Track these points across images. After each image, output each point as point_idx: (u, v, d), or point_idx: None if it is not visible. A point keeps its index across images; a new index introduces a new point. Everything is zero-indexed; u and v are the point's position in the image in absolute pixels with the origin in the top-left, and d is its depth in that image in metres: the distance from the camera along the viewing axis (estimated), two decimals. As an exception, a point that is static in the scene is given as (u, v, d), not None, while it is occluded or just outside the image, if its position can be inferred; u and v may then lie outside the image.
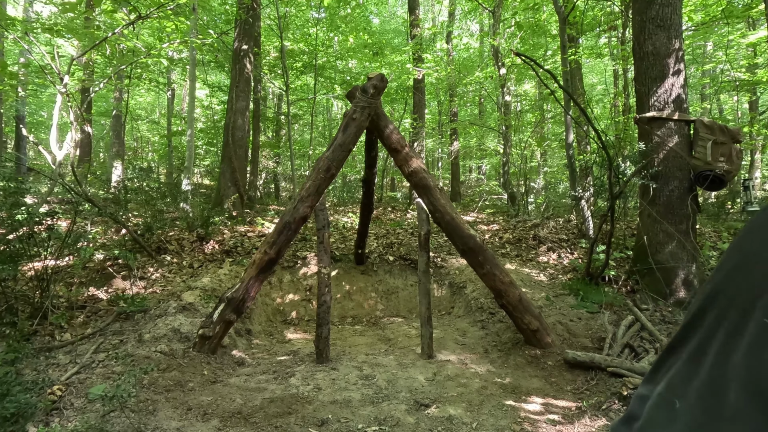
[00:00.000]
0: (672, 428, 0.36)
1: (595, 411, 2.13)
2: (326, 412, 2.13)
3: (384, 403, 2.22)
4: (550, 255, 4.99)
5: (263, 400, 2.26)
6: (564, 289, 3.94)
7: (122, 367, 2.48)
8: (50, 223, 3.14)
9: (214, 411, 2.14)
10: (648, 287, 3.57)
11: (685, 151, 3.50)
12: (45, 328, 2.93)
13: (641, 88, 3.69)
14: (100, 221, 5.24)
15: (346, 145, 3.07)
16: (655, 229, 3.56)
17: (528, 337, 2.98)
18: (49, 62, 4.33)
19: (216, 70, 10.99)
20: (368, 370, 2.71)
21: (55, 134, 4.39)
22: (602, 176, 3.85)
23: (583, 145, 7.07)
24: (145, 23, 7.98)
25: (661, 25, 3.55)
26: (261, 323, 3.93)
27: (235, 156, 6.90)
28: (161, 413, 2.10)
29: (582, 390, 2.38)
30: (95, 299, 3.51)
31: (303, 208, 3.01)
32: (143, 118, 16.12)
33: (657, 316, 3.30)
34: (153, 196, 4.94)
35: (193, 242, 4.86)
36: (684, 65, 3.61)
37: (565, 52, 5.58)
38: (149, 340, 2.83)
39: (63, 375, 2.39)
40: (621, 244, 4.57)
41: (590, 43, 9.81)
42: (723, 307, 0.36)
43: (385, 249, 5.05)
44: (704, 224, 5.70)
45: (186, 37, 5.90)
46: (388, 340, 3.53)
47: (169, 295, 3.58)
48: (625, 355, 2.71)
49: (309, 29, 9.91)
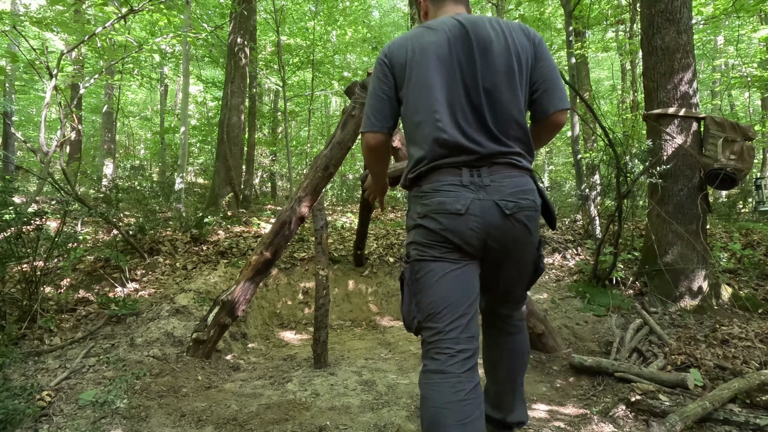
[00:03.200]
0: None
1: (603, 418, 2.12)
2: (324, 419, 2.13)
3: (384, 410, 2.22)
4: (556, 256, 4.99)
5: (259, 407, 2.26)
6: (570, 291, 3.94)
7: (113, 372, 2.48)
8: (39, 223, 3.14)
9: (209, 417, 2.14)
10: (657, 289, 3.57)
11: (695, 149, 3.50)
12: (34, 332, 2.94)
13: (650, 83, 3.69)
14: (90, 221, 5.24)
15: (344, 143, 3.07)
16: (664, 229, 3.56)
17: (533, 342, 2.97)
18: (37, 57, 4.33)
19: (210, 65, 11.00)
20: (368, 375, 2.71)
21: (44, 131, 4.39)
22: (610, 175, 3.85)
23: (590, 144, 7.07)
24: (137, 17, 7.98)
25: (670, 18, 3.55)
26: (257, 327, 3.93)
27: (230, 154, 6.90)
28: (154, 419, 2.10)
29: (588, 396, 2.38)
30: (86, 302, 3.51)
31: (300, 207, 3.01)
32: (135, 115, 16.13)
33: (666, 320, 3.30)
34: (145, 195, 4.94)
35: (187, 243, 4.86)
36: (694, 60, 3.61)
37: (571, 47, 5.58)
38: (141, 344, 2.83)
39: (52, 380, 2.39)
40: (629, 245, 4.57)
41: (597, 37, 9.81)
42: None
43: (385, 250, 5.05)
44: (715, 225, 5.71)
45: (179, 32, 5.90)
46: (389, 345, 3.53)
47: (162, 297, 3.59)
48: (633, 360, 2.71)
49: (306, 23, 9.91)
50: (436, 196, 1.36)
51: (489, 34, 1.39)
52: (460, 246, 1.35)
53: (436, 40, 1.38)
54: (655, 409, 2.06)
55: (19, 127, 13.78)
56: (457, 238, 1.34)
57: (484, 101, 1.36)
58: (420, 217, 1.39)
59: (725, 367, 2.44)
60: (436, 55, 1.38)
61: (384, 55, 1.45)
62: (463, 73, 1.37)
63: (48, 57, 4.61)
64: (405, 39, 1.44)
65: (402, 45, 1.43)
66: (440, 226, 1.34)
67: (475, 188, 1.34)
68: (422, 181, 1.41)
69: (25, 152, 13.44)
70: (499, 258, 1.41)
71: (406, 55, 1.41)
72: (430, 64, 1.37)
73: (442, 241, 1.35)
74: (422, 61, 1.38)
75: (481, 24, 1.41)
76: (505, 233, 1.35)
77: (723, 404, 2.03)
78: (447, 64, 1.37)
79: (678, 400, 2.15)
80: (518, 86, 1.38)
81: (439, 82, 1.37)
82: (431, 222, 1.36)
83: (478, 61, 1.37)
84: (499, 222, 1.33)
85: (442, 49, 1.38)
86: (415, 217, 1.42)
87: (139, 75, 9.70)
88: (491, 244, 1.36)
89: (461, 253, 1.37)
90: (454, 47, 1.38)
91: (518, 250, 1.42)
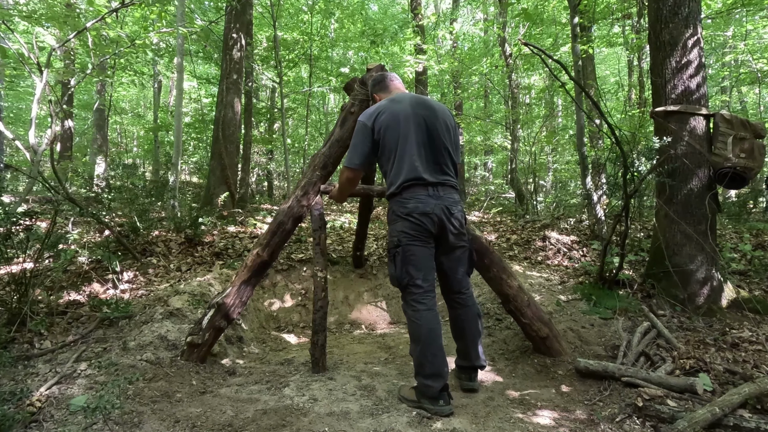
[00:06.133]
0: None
1: (609, 423, 2.13)
2: (322, 425, 2.13)
3: (384, 415, 2.22)
4: (561, 257, 4.99)
5: (256, 412, 2.26)
6: (575, 293, 3.94)
7: (105, 377, 2.48)
8: (29, 223, 3.14)
9: (204, 423, 2.14)
10: (665, 292, 3.57)
11: (704, 147, 3.50)
12: (23, 336, 2.93)
13: (657, 80, 3.69)
14: (81, 221, 5.24)
15: (343, 141, 3.07)
16: (673, 229, 3.56)
17: (537, 345, 2.98)
18: (26, 52, 4.33)
19: (204, 60, 10.99)
20: (367, 379, 2.71)
21: (33, 129, 4.39)
22: (616, 173, 3.85)
23: (595, 142, 7.08)
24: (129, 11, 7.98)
25: (678, 12, 3.55)
26: (253, 330, 3.93)
27: (226, 152, 6.90)
28: (147, 426, 2.09)
29: (595, 401, 2.38)
30: (77, 304, 3.51)
31: (298, 207, 3.01)
32: (127, 112, 16.12)
33: (674, 323, 3.30)
34: (138, 194, 4.94)
35: (181, 244, 4.86)
36: (703, 56, 3.61)
37: (576, 41, 5.58)
38: (134, 348, 2.83)
39: (43, 385, 2.39)
40: (636, 245, 4.57)
41: (603, 32, 9.82)
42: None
43: (385, 251, 5.05)
44: (724, 225, 5.71)
45: (172, 26, 5.90)
46: (389, 348, 3.53)
47: (156, 300, 3.58)
48: (641, 364, 2.71)
49: (303, 17, 9.92)
50: (412, 201, 2.27)
51: (433, 106, 2.38)
52: (431, 231, 2.27)
53: (402, 108, 2.31)
54: (663, 414, 2.06)
55: (8, 124, 13.77)
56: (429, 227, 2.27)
57: (437, 147, 2.30)
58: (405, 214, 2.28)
59: (735, 372, 2.44)
60: (404, 115, 2.29)
61: (367, 120, 2.32)
62: (426, 128, 2.30)
63: (37, 52, 4.61)
64: (377, 109, 2.33)
65: (378, 113, 2.32)
66: (419, 220, 2.26)
67: (435, 197, 2.27)
68: (404, 192, 2.28)
69: (14, 150, 13.43)
70: (446, 240, 2.33)
71: (382, 118, 2.29)
72: (400, 122, 2.27)
73: (422, 230, 2.26)
74: (396, 121, 2.27)
75: (426, 99, 2.42)
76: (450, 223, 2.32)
77: (733, 410, 2.03)
78: (413, 122, 2.28)
79: (687, 406, 2.15)
80: (452, 141, 2.36)
81: (411, 132, 2.27)
82: (414, 218, 2.26)
83: (431, 122, 2.31)
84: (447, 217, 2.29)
85: (407, 112, 2.30)
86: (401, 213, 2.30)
87: (132, 71, 9.69)
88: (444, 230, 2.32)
89: (431, 237, 2.28)
90: (415, 110, 2.31)
91: (456, 237, 2.36)
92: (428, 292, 2.29)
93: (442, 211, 2.25)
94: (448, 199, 2.29)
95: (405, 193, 2.25)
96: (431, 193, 2.25)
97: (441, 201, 2.25)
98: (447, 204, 2.27)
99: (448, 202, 2.28)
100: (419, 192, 2.24)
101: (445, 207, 2.25)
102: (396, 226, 2.29)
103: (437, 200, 2.25)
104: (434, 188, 2.26)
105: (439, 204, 2.25)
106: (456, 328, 2.53)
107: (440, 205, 2.25)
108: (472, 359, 2.52)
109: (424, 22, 10.03)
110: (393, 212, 2.31)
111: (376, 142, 2.31)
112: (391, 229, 2.33)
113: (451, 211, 2.28)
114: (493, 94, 13.56)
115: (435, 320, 2.26)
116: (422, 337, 2.22)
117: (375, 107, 2.34)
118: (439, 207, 2.24)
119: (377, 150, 2.34)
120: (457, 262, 2.42)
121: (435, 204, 2.24)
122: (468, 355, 2.52)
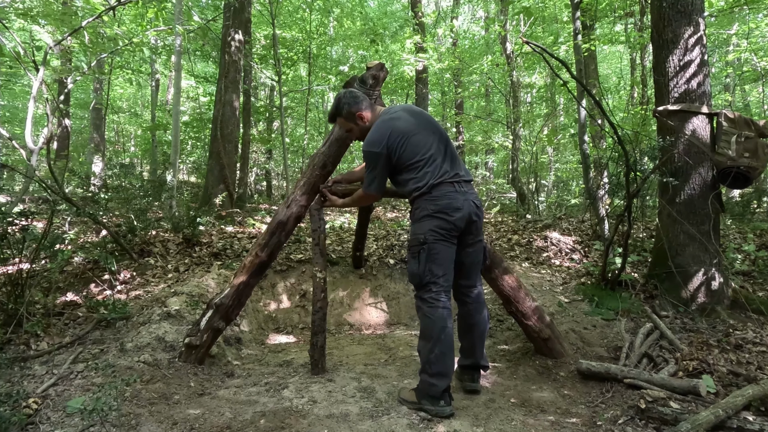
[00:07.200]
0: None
1: (611, 426, 2.13)
2: (322, 427, 2.13)
3: (384, 417, 2.22)
4: (563, 258, 5.00)
5: (254, 414, 2.26)
6: (577, 294, 3.94)
7: (103, 379, 2.48)
8: (25, 223, 3.13)
9: (202, 426, 2.14)
10: (667, 292, 3.57)
11: (708, 147, 3.50)
12: (20, 337, 2.93)
13: (660, 78, 3.69)
14: (78, 221, 5.23)
15: (343, 140, 3.07)
16: (675, 230, 3.56)
17: (539, 347, 2.98)
18: (22, 50, 4.33)
19: (202, 59, 10.99)
20: (367, 381, 2.71)
21: (30, 128, 4.39)
22: (619, 173, 3.85)
23: (597, 141, 7.07)
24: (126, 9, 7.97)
25: (681, 10, 3.55)
26: (252, 331, 3.93)
27: (224, 151, 6.90)
28: (145, 428, 2.09)
29: (597, 403, 2.38)
30: (74, 305, 3.51)
31: (297, 207, 3.01)
32: (125, 111, 16.10)
33: (677, 324, 3.30)
34: (135, 194, 4.93)
35: (179, 244, 4.85)
36: (706, 54, 3.61)
37: (578, 38, 5.58)
38: (132, 350, 2.83)
39: (39, 387, 2.39)
40: (638, 246, 4.57)
41: (605, 30, 9.81)
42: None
43: (385, 251, 5.05)
44: (728, 225, 5.71)
45: (170, 23, 5.90)
46: (389, 350, 3.53)
47: (153, 301, 3.58)
48: (643, 366, 2.71)
49: (302, 15, 9.91)
50: (444, 199, 2.35)
51: (423, 111, 2.58)
52: (459, 228, 2.35)
53: (405, 123, 2.42)
54: (666, 416, 2.06)
55: (4, 122, 13.77)
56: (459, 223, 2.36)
57: (448, 146, 2.46)
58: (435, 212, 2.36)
59: (739, 373, 2.44)
60: (412, 128, 2.41)
61: (380, 149, 2.39)
62: (433, 130, 2.45)
63: (34, 50, 4.60)
64: (381, 134, 2.40)
65: (386, 136, 2.39)
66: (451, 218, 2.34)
67: (462, 194, 2.38)
68: (433, 191, 2.35)
69: (10, 149, 13.43)
70: (470, 233, 2.44)
71: (393, 140, 2.38)
72: (410, 136, 2.38)
73: (451, 227, 2.33)
74: (406, 137, 2.38)
75: (412, 106, 2.63)
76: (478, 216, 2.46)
77: (736, 412, 2.03)
78: (422, 129, 2.42)
79: (690, 408, 2.15)
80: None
81: (426, 139, 2.40)
82: (446, 215, 2.33)
83: (434, 125, 2.49)
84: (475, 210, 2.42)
85: (411, 123, 2.43)
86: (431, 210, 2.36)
87: (129, 70, 9.69)
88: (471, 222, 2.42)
89: (457, 235, 2.36)
90: (417, 119, 2.46)
91: (478, 230, 2.49)
92: (446, 291, 2.36)
93: (470, 206, 2.36)
94: (471, 194, 2.42)
95: (435, 192, 2.33)
96: (458, 189, 2.35)
97: (467, 196, 2.37)
98: (472, 198, 2.39)
99: (473, 196, 2.41)
100: (448, 189, 2.33)
101: (472, 202, 2.37)
102: (423, 224, 2.34)
103: (464, 196, 2.36)
104: (459, 185, 2.36)
105: (467, 199, 2.36)
106: (464, 324, 2.57)
107: (468, 200, 2.36)
108: (477, 357, 2.56)
109: (424, 19, 10.02)
110: (422, 210, 2.36)
111: (393, 163, 2.42)
112: (416, 226, 2.38)
113: (477, 205, 2.41)
114: (494, 92, 13.56)
115: (449, 319, 2.31)
116: (434, 334, 2.27)
117: (378, 134, 2.42)
118: (467, 202, 2.35)
119: (392, 169, 2.47)
120: (475, 256, 2.53)
121: (463, 200, 2.34)
122: (473, 352, 2.56)
